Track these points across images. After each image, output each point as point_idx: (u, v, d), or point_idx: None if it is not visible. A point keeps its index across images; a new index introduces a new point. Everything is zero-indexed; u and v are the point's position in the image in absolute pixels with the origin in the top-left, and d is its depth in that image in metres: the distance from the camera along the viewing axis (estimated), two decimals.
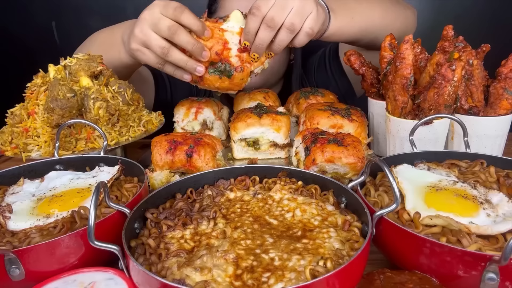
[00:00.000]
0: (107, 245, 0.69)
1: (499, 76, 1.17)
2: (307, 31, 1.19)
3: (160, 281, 0.61)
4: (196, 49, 1.17)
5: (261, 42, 1.18)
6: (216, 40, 1.21)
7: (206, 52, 1.19)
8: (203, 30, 1.18)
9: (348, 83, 1.92)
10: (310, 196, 0.91)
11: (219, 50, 1.21)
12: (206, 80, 1.26)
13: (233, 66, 1.23)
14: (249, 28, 1.17)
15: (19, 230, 0.83)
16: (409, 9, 1.65)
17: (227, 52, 1.22)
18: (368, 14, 1.49)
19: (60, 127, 1.13)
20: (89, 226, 0.66)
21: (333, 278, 0.61)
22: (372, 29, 1.50)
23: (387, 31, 1.38)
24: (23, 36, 3.01)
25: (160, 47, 1.17)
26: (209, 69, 1.23)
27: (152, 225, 0.84)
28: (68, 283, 0.71)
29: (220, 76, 1.24)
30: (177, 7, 1.16)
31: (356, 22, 1.44)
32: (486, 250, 0.69)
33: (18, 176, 1.05)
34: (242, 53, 1.22)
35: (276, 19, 1.14)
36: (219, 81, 1.25)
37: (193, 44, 1.16)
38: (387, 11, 1.54)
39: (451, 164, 1.00)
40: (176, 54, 1.19)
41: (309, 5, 1.18)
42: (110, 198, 0.81)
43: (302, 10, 1.16)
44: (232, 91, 1.32)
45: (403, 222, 0.78)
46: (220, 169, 1.01)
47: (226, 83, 1.26)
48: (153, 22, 1.16)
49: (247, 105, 1.55)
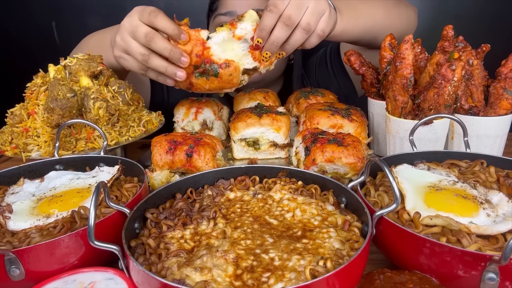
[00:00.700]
0: (107, 245, 0.69)
1: (499, 76, 1.17)
2: (319, 33, 1.18)
3: (160, 281, 0.61)
4: (173, 55, 1.15)
5: (276, 40, 1.15)
6: (194, 42, 1.17)
7: (184, 58, 1.16)
8: (179, 34, 1.15)
9: (350, 82, 1.92)
10: (310, 196, 0.91)
11: (199, 52, 1.18)
12: (196, 85, 1.24)
13: (217, 63, 1.18)
14: (264, 25, 1.13)
15: (19, 230, 0.83)
16: (410, 8, 1.65)
17: (207, 51, 1.18)
18: (372, 14, 1.48)
19: (60, 127, 1.13)
20: (89, 226, 0.66)
21: (333, 278, 0.61)
22: (375, 29, 1.50)
23: (389, 31, 1.37)
24: (23, 36, 3.01)
25: (141, 54, 1.17)
26: (195, 73, 1.21)
27: (152, 225, 0.84)
28: (68, 283, 0.71)
29: (207, 77, 1.21)
30: (151, 12, 1.15)
31: (360, 22, 1.44)
32: (486, 250, 0.69)
33: (18, 176, 1.05)
34: (254, 50, 1.18)
35: (293, 18, 1.12)
36: (208, 83, 1.22)
37: (170, 50, 1.14)
38: (390, 10, 1.54)
39: (451, 164, 1.00)
40: (156, 61, 1.18)
41: (323, 5, 1.17)
42: (110, 198, 0.81)
43: (317, 10, 1.15)
44: (228, 89, 1.28)
45: (403, 222, 0.78)
46: (220, 169, 1.01)
47: (215, 83, 1.22)
48: (132, 29, 1.16)
49: (247, 105, 1.54)
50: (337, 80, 1.94)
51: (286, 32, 1.14)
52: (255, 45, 1.18)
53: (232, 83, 1.23)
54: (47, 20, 2.96)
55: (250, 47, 1.19)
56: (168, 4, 2.85)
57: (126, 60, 1.23)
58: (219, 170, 1.01)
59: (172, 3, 2.84)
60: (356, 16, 1.42)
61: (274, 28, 1.14)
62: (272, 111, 1.34)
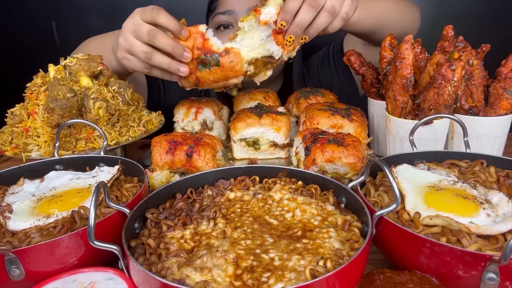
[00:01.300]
0: (107, 245, 0.69)
1: (499, 76, 1.17)
2: (343, 16, 1.16)
3: (160, 281, 0.61)
4: (176, 50, 1.16)
5: (301, 22, 1.12)
6: (194, 36, 1.18)
7: (187, 53, 1.17)
8: (180, 29, 1.16)
9: (353, 81, 1.92)
10: (310, 196, 0.91)
11: (199, 44, 1.18)
12: (202, 78, 1.23)
13: (217, 52, 1.17)
14: (289, 7, 1.10)
15: (19, 230, 0.83)
16: (415, 7, 1.66)
17: (207, 42, 1.18)
18: (384, 7, 1.49)
19: (60, 127, 1.13)
20: (89, 226, 0.66)
21: (333, 278, 0.61)
22: (386, 22, 1.50)
23: (399, 24, 1.37)
24: (23, 36, 3.00)
25: (143, 52, 1.18)
26: (198, 66, 1.21)
27: (152, 225, 0.84)
28: (68, 283, 0.71)
29: (210, 68, 1.20)
30: (153, 9, 1.17)
31: (374, 13, 1.45)
32: (486, 250, 0.69)
33: (18, 176, 1.05)
34: (278, 34, 1.15)
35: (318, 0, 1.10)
36: (211, 74, 1.21)
37: (173, 46, 1.16)
38: (399, 6, 1.55)
39: (451, 164, 1.00)
40: (159, 57, 1.19)
41: None
42: (110, 198, 0.81)
43: None
44: (234, 79, 1.24)
45: (403, 222, 0.78)
46: (220, 169, 1.01)
47: (219, 73, 1.20)
48: (134, 29, 1.17)
49: (247, 105, 1.55)
50: (340, 78, 1.94)
51: (312, 14, 1.12)
52: (279, 29, 1.14)
53: (235, 70, 1.20)
54: (47, 20, 2.96)
55: (273, 32, 1.15)
56: (168, 4, 2.84)
57: (129, 60, 1.24)
58: (219, 170, 1.01)
59: (172, 3, 2.84)
60: (370, 7, 1.43)
61: (299, 10, 1.11)
62: (272, 111, 1.34)
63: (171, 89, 1.97)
